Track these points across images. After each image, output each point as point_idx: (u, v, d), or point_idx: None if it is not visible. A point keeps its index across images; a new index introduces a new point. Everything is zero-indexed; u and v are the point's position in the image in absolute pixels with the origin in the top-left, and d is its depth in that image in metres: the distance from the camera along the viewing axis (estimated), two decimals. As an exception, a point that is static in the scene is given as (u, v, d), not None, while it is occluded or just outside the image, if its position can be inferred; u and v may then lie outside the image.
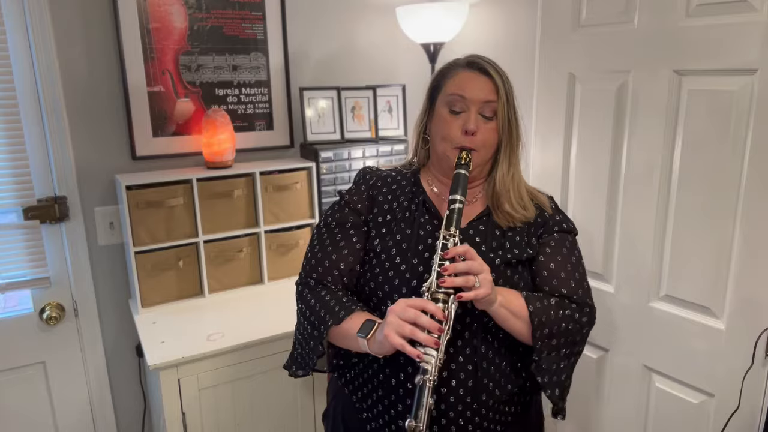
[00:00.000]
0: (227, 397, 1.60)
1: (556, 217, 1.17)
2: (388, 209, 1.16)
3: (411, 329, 0.93)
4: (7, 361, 1.77)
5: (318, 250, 1.18)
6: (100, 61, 1.76)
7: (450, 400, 1.06)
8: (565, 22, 1.67)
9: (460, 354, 1.06)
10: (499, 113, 1.10)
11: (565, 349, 1.08)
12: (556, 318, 1.06)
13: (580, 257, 1.17)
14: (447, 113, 1.11)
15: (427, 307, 0.95)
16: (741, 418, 1.39)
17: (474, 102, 1.09)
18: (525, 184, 1.19)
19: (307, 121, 2.03)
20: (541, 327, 1.04)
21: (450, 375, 1.06)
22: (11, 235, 1.72)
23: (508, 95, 1.10)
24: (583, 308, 1.11)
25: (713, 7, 1.33)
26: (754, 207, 1.31)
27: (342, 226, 1.17)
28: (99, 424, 1.94)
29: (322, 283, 1.16)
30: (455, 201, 1.04)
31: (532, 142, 1.85)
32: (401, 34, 2.07)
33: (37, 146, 1.70)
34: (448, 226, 1.03)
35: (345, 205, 1.19)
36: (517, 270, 1.10)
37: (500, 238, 1.11)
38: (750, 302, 1.35)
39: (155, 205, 1.74)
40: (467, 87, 1.10)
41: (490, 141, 1.11)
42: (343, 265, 1.14)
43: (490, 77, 1.10)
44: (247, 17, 1.95)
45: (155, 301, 1.81)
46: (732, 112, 1.32)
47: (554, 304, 1.07)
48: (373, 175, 1.22)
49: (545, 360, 1.06)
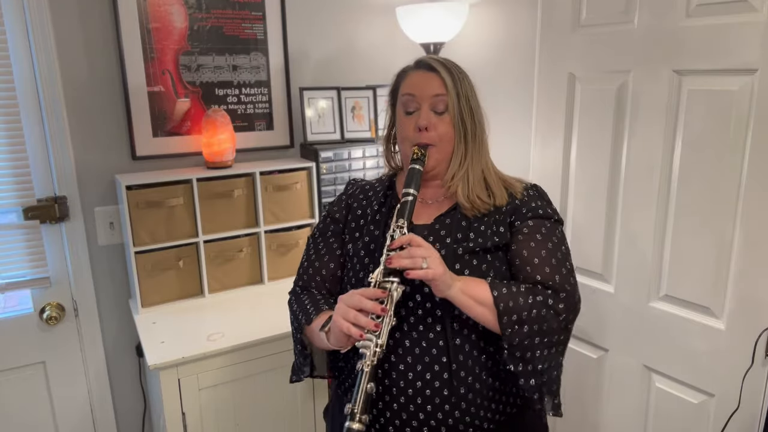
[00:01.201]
0: (227, 397, 1.60)
1: (531, 203, 1.15)
2: (361, 214, 1.22)
3: (354, 314, 0.98)
4: (7, 361, 1.77)
5: (305, 260, 1.26)
6: (100, 61, 1.77)
7: (426, 393, 1.05)
8: (565, 22, 1.67)
9: (434, 346, 1.06)
10: (450, 106, 1.11)
11: (540, 337, 1.03)
12: (525, 303, 1.02)
13: (560, 243, 1.13)
14: (403, 114, 1.15)
15: (366, 293, 0.99)
16: (741, 418, 1.39)
17: (424, 98, 1.12)
18: (497, 173, 1.19)
19: (307, 121, 2.03)
20: (507, 313, 1.01)
21: (424, 368, 1.05)
22: (11, 235, 1.72)
23: (459, 88, 1.11)
24: (559, 293, 1.06)
25: (713, 7, 1.33)
26: (754, 207, 1.31)
27: (323, 236, 1.25)
28: (99, 424, 1.94)
29: (307, 290, 1.24)
30: (407, 194, 1.07)
31: (532, 142, 1.85)
32: (401, 34, 2.07)
33: (37, 146, 1.70)
34: (398, 218, 1.06)
35: (327, 216, 1.27)
36: (485, 258, 1.09)
37: (465, 229, 1.11)
38: (750, 302, 1.35)
39: (155, 205, 1.74)
40: (416, 85, 1.13)
41: (447, 135, 1.12)
42: (324, 271, 1.22)
43: (437, 72, 1.11)
44: (247, 17, 1.95)
45: (155, 301, 1.81)
46: (732, 112, 1.32)
47: (524, 290, 1.04)
48: (355, 186, 1.29)
49: (518, 348, 1.02)
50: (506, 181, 1.19)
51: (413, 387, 1.06)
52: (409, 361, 1.06)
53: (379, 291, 1.00)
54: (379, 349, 0.97)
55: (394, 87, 1.20)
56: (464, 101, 1.12)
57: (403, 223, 1.05)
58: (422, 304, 1.08)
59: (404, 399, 1.06)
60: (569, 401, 1.88)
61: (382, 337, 0.97)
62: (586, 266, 1.73)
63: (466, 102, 1.12)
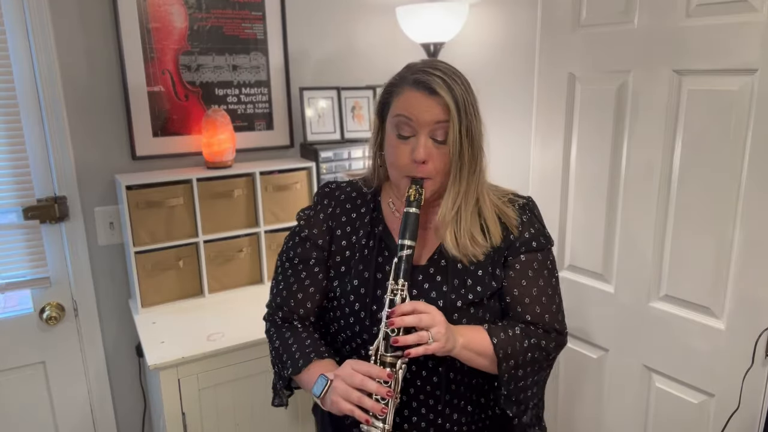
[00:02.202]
0: (227, 397, 1.60)
1: (524, 234, 1.07)
2: (346, 245, 1.10)
3: (358, 396, 0.91)
4: (7, 361, 1.77)
5: (283, 287, 1.14)
6: (100, 61, 1.76)
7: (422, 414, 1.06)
8: (565, 22, 1.67)
9: (428, 382, 1.05)
10: (450, 134, 0.96)
11: (532, 377, 1.05)
12: (521, 348, 1.01)
13: (550, 276, 1.08)
14: (395, 138, 1.00)
15: (372, 372, 0.91)
16: (741, 418, 1.39)
17: (422, 125, 0.97)
18: (492, 199, 1.07)
19: (307, 121, 2.03)
20: (506, 359, 0.99)
21: (420, 402, 1.06)
22: (11, 235, 1.72)
23: (461, 113, 0.96)
24: (551, 334, 1.06)
25: (713, 7, 1.33)
26: (754, 207, 1.31)
27: (306, 263, 1.12)
28: (99, 424, 1.94)
29: (289, 322, 1.14)
30: (403, 247, 0.96)
31: (532, 142, 1.85)
32: (401, 34, 2.07)
33: (37, 146, 1.70)
34: (395, 278, 0.96)
35: (306, 239, 1.12)
36: (482, 305, 1.04)
37: (462, 273, 1.04)
38: (750, 302, 1.35)
39: (155, 205, 1.74)
40: (414, 108, 0.97)
41: (446, 167, 1.00)
42: (309, 304, 1.12)
43: (440, 97, 0.95)
44: (247, 17, 1.95)
45: (155, 301, 1.81)
46: (732, 112, 1.32)
47: (519, 333, 1.02)
48: (332, 200, 1.14)
49: (514, 392, 1.02)
50: (501, 210, 1.07)
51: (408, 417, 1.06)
52: (404, 398, 1.06)
53: (384, 372, 0.91)
54: (389, 428, 0.91)
55: (384, 100, 1.04)
56: (465, 131, 0.97)
57: (404, 286, 0.95)
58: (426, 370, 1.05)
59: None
60: (569, 401, 1.88)
61: (388, 419, 0.91)
62: (586, 266, 1.73)
63: (468, 132, 0.98)
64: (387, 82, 1.04)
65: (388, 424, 0.91)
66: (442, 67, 0.99)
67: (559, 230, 1.78)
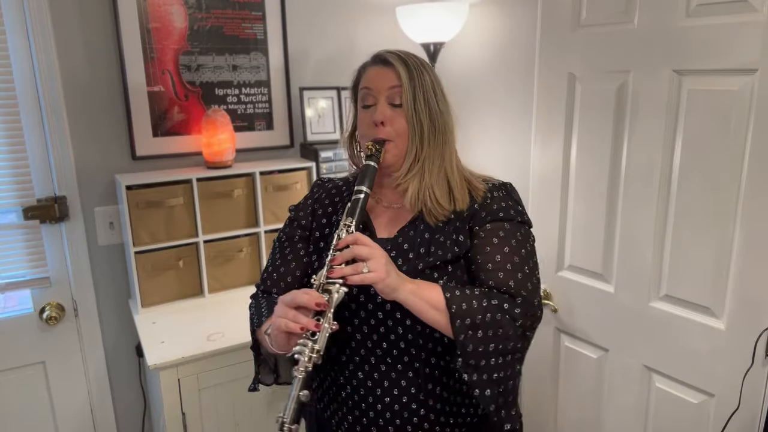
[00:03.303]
0: (227, 397, 1.60)
1: (493, 206, 1.08)
2: (326, 223, 1.16)
3: (294, 314, 0.94)
4: (7, 361, 1.77)
5: (269, 263, 1.21)
6: (100, 61, 1.77)
7: (397, 414, 1.05)
8: (565, 22, 1.67)
9: (402, 377, 1.05)
10: (404, 99, 1.05)
11: (495, 344, 0.97)
12: (479, 307, 0.96)
13: (520, 246, 1.06)
14: (362, 110, 1.11)
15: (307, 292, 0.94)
16: (741, 418, 1.39)
17: (380, 91, 1.07)
18: (462, 174, 1.12)
19: (307, 121, 2.03)
20: (460, 316, 0.95)
21: (393, 397, 1.05)
22: (11, 235, 1.72)
23: (415, 81, 1.05)
24: (515, 298, 1.00)
25: (713, 7, 1.33)
26: (754, 207, 1.31)
27: (290, 240, 1.19)
28: (99, 424, 1.94)
29: (268, 294, 1.18)
30: (359, 191, 1.03)
31: (532, 142, 1.85)
32: (401, 34, 2.07)
33: (37, 146, 1.70)
34: (347, 216, 1.01)
35: (293, 220, 1.21)
36: (446, 270, 1.05)
37: (428, 242, 1.07)
38: (750, 302, 1.35)
39: (155, 205, 1.74)
40: (372, 78, 1.09)
41: (405, 129, 1.07)
42: (289, 278, 1.17)
43: (392, 66, 1.07)
44: (247, 17, 1.95)
45: (155, 301, 1.81)
46: (732, 112, 1.32)
47: (478, 293, 0.99)
48: (321, 188, 1.24)
49: (472, 355, 0.96)
50: (471, 183, 1.12)
51: (384, 415, 1.06)
52: (378, 392, 1.06)
53: (321, 296, 0.95)
54: (315, 355, 0.92)
55: (355, 82, 1.16)
56: (420, 95, 1.06)
57: (351, 222, 1.00)
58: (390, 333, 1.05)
59: (374, 414, 1.06)
60: (569, 401, 1.88)
61: (319, 341, 0.92)
62: (586, 266, 1.73)
63: (423, 97, 1.06)
64: (355, 70, 1.16)
65: (319, 345, 0.92)
66: (403, 52, 1.11)
67: (559, 230, 1.78)
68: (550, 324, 1.87)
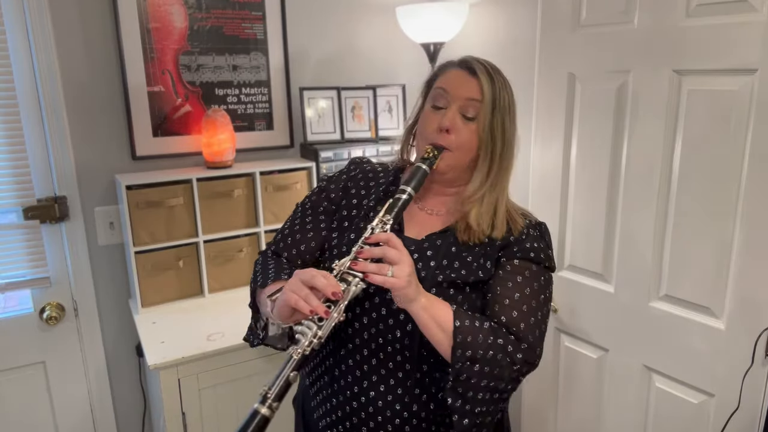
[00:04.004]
0: (227, 397, 1.60)
1: (526, 243, 1.06)
2: (356, 204, 1.14)
3: (306, 293, 0.91)
4: (7, 361, 1.77)
5: (287, 226, 1.20)
6: (100, 61, 1.77)
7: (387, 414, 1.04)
8: (565, 22, 1.67)
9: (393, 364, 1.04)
10: (481, 114, 1.02)
11: (487, 381, 0.96)
12: (484, 342, 0.96)
13: (540, 292, 1.05)
14: (430, 108, 1.07)
15: (326, 277, 0.92)
16: (741, 418, 1.39)
17: (455, 98, 1.04)
18: (509, 205, 1.11)
19: (307, 121, 2.03)
20: (463, 346, 0.94)
21: (388, 401, 1.04)
22: (11, 235, 1.72)
23: (496, 99, 1.03)
24: (521, 343, 0.99)
25: (713, 7, 1.33)
26: (754, 207, 1.31)
27: (315, 210, 1.18)
28: (99, 424, 1.94)
29: (278, 256, 1.17)
30: (403, 191, 1.00)
31: (532, 142, 1.85)
32: (401, 34, 2.07)
33: (37, 146, 1.70)
34: (386, 213, 0.99)
35: (322, 190, 1.20)
36: (463, 291, 1.03)
37: (454, 256, 1.05)
38: (750, 302, 1.35)
39: (155, 205, 1.74)
40: (451, 82, 1.06)
41: (468, 143, 1.04)
42: (303, 246, 1.15)
43: (477, 77, 1.03)
44: (247, 17, 1.95)
45: (155, 301, 1.81)
46: (732, 112, 1.32)
47: (487, 328, 0.98)
48: (358, 167, 1.21)
49: (462, 383, 0.95)
50: (511, 214, 1.10)
51: (367, 410, 1.04)
52: (366, 388, 1.05)
53: (337, 284, 0.92)
54: (316, 340, 0.90)
55: (431, 78, 1.12)
56: (498, 115, 1.03)
57: (389, 220, 0.98)
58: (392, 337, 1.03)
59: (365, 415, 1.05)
60: (569, 401, 1.88)
61: (323, 329, 0.90)
62: (586, 266, 1.73)
63: (501, 117, 1.03)
64: (436, 66, 1.14)
65: (323, 332, 0.90)
66: (490, 63, 1.08)
67: (559, 230, 1.78)
68: (550, 324, 1.86)
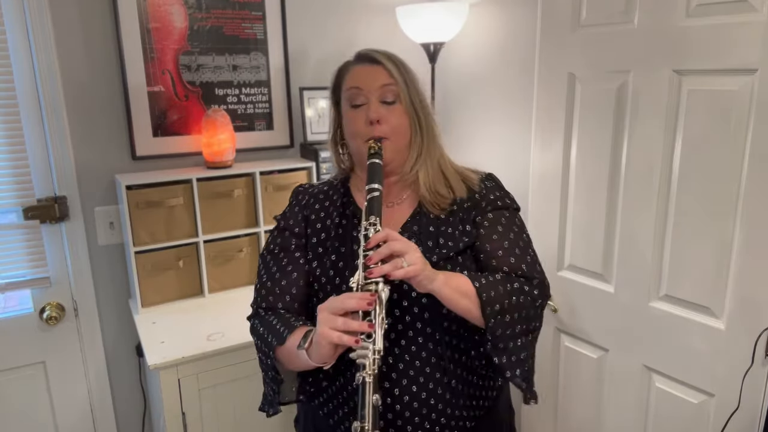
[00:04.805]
0: (227, 397, 1.60)
1: (489, 195, 1.13)
2: (321, 227, 1.14)
3: (344, 321, 0.91)
4: (7, 361, 1.77)
5: (266, 278, 1.14)
6: (100, 61, 1.77)
7: (422, 398, 1.04)
8: (565, 22, 1.67)
9: (427, 357, 1.04)
10: (402, 96, 1.08)
11: (520, 325, 1.01)
12: (504, 291, 1.00)
13: (521, 231, 1.12)
14: (350, 109, 1.10)
15: (352, 297, 0.92)
16: (741, 418, 1.39)
17: (371, 90, 1.08)
18: (452, 165, 1.16)
19: (307, 121, 2.03)
20: (490, 303, 0.97)
21: (420, 382, 1.04)
22: (11, 235, 1.72)
23: (406, 77, 1.09)
24: (532, 281, 1.05)
25: (713, 7, 1.33)
26: (754, 207, 1.31)
27: (286, 250, 1.14)
28: (99, 424, 1.94)
29: (272, 309, 1.12)
30: (372, 190, 1.02)
31: (532, 142, 1.85)
32: (401, 34, 2.07)
33: (37, 146, 1.70)
34: (367, 216, 1.00)
35: (284, 229, 1.16)
36: (457, 261, 1.07)
37: (435, 235, 1.08)
38: (750, 302, 1.35)
39: (155, 205, 1.74)
40: (361, 78, 1.10)
41: (401, 126, 1.09)
42: (294, 289, 1.11)
43: (381, 64, 1.09)
44: (247, 17, 1.95)
45: (155, 301, 1.81)
46: (732, 112, 1.32)
47: (500, 278, 1.02)
48: (305, 194, 1.21)
49: (501, 339, 0.99)
50: (462, 173, 1.16)
51: (410, 396, 1.04)
52: (404, 374, 1.04)
53: (366, 294, 0.92)
54: (377, 356, 0.89)
55: (336, 83, 1.16)
56: (414, 90, 1.09)
57: (376, 220, 0.99)
58: (409, 313, 1.04)
59: (400, 407, 1.04)
60: (569, 401, 1.88)
61: (377, 341, 0.90)
62: (586, 266, 1.73)
63: (415, 90, 1.10)
64: (334, 72, 1.17)
65: (378, 345, 0.90)
66: (380, 48, 1.14)
67: (559, 230, 1.78)
68: (550, 324, 1.87)
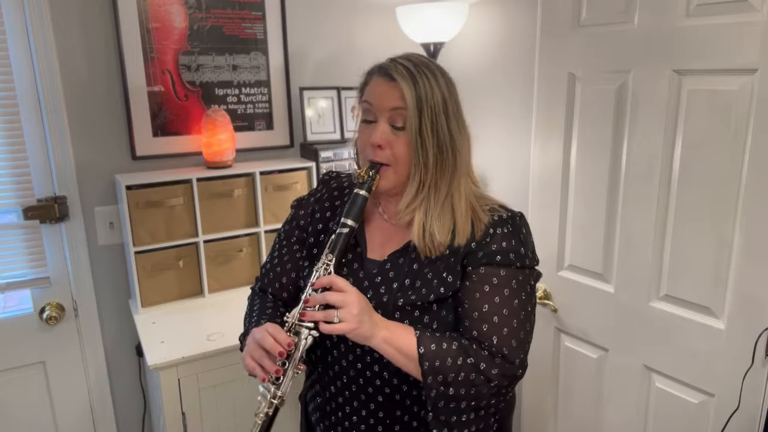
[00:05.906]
0: (227, 397, 1.60)
1: (491, 245, 0.98)
2: (321, 229, 1.12)
3: (260, 355, 0.93)
4: (7, 361, 1.77)
5: (268, 261, 1.20)
6: (100, 61, 1.77)
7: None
8: (565, 22, 1.67)
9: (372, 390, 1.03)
10: (408, 122, 0.95)
11: (467, 402, 0.93)
12: (453, 365, 0.91)
13: (512, 297, 0.97)
14: (362, 123, 1.02)
15: (277, 336, 0.92)
16: (741, 418, 1.39)
17: (381, 110, 0.98)
18: (473, 203, 1.02)
19: (307, 120, 2.03)
20: (433, 372, 0.90)
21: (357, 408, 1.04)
22: (11, 235, 1.72)
23: (422, 101, 0.95)
24: (494, 357, 0.94)
25: (713, 7, 1.33)
26: (754, 207, 1.31)
27: (288, 240, 1.17)
28: (99, 424, 1.94)
29: (264, 293, 1.18)
30: (344, 225, 0.97)
31: (532, 142, 1.85)
32: (401, 34, 2.07)
33: (37, 146, 1.70)
34: (328, 253, 0.97)
35: (293, 218, 1.18)
36: (429, 310, 0.98)
37: (415, 275, 0.99)
38: (750, 302, 1.35)
39: (155, 205, 1.74)
40: (374, 94, 0.99)
41: (406, 156, 0.97)
42: (284, 279, 1.15)
43: (397, 83, 0.96)
44: (247, 17, 1.95)
45: (155, 301, 1.81)
46: (732, 112, 1.32)
47: (455, 348, 0.93)
48: (325, 186, 1.18)
49: (443, 411, 0.93)
50: (475, 213, 1.01)
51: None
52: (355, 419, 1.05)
53: (287, 339, 0.92)
54: (276, 401, 0.92)
55: (362, 85, 1.07)
56: (427, 120, 0.95)
57: (331, 260, 0.95)
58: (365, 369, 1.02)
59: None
60: (569, 401, 1.88)
61: (281, 387, 0.93)
62: (586, 266, 1.73)
63: (431, 121, 0.95)
64: (364, 71, 1.07)
65: (282, 391, 0.93)
66: (415, 59, 1.00)
67: (559, 230, 1.78)
68: (550, 324, 1.87)
